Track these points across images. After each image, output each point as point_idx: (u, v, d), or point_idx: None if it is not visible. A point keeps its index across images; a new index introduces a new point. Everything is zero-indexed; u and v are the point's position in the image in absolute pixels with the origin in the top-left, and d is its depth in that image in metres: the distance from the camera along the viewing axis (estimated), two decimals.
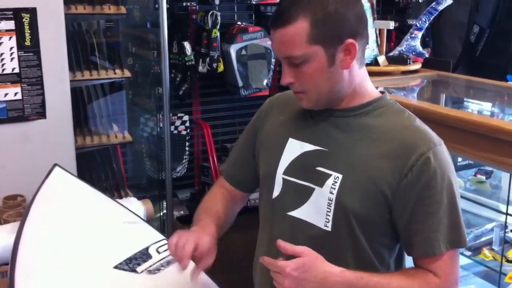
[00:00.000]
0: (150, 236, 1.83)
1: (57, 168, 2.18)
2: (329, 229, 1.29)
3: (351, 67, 1.27)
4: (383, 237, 1.31)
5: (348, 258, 1.31)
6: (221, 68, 3.60)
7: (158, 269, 1.64)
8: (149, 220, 2.36)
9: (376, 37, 2.54)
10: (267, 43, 3.50)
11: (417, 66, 2.51)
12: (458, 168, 2.07)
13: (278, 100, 1.53)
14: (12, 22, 2.33)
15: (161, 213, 3.18)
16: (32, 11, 2.36)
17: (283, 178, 1.37)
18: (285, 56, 1.26)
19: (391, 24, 2.46)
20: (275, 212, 1.40)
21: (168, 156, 2.94)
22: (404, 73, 2.49)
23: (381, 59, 2.45)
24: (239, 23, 3.60)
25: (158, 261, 1.68)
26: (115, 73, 2.79)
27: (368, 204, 1.26)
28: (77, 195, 2.09)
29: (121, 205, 2.07)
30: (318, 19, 1.20)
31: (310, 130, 1.36)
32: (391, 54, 2.55)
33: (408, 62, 2.46)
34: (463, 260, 1.91)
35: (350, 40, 1.23)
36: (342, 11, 1.22)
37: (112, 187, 2.94)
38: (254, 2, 3.49)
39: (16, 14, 2.33)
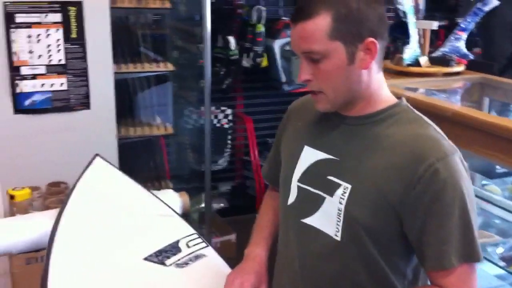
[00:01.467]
0: (182, 230, 1.86)
1: (98, 158, 2.23)
2: (338, 238, 1.29)
3: (370, 69, 1.25)
4: (396, 246, 1.28)
5: (359, 268, 1.29)
6: (264, 63, 3.61)
7: (186, 263, 1.67)
8: (186, 213, 2.40)
9: (420, 37, 2.49)
10: None
11: (460, 68, 2.45)
12: (496, 176, 2.02)
13: (297, 106, 1.53)
14: (60, 15, 2.41)
15: (201, 205, 3.22)
16: (79, 5, 2.44)
17: (298, 186, 1.37)
18: (304, 51, 1.24)
19: (435, 24, 2.41)
20: (290, 218, 1.40)
21: (208, 148, 2.98)
22: (447, 74, 2.44)
23: (423, 59, 2.40)
24: (284, 18, 3.60)
25: (187, 255, 1.71)
26: (158, 66, 2.85)
27: (377, 216, 1.24)
28: (116, 185, 2.14)
29: (157, 197, 2.11)
30: (340, 15, 1.19)
31: (324, 138, 1.36)
32: (434, 55, 2.50)
33: (451, 63, 2.41)
34: (496, 270, 1.87)
35: (371, 39, 1.21)
36: (364, 9, 1.20)
37: (153, 177, 3.01)
38: None
39: (63, 7, 2.41)
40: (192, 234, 1.84)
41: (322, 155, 1.33)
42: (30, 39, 2.39)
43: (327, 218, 1.30)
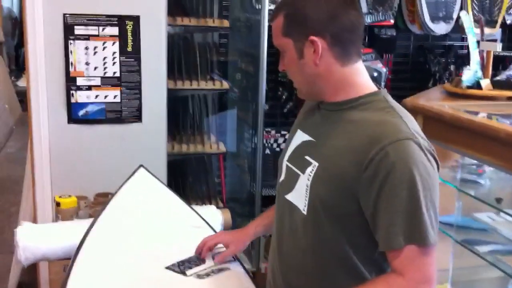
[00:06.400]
0: None
1: (141, 169, 2.24)
2: (305, 213, 1.38)
3: (328, 64, 1.34)
4: (357, 228, 1.33)
5: (322, 245, 1.37)
6: None
7: (208, 275, 1.63)
8: (225, 229, 2.36)
9: (483, 60, 2.35)
10: (378, 65, 3.40)
11: None
12: None
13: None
14: (117, 28, 2.47)
15: None
16: (136, 19, 2.48)
17: (286, 165, 1.49)
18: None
19: (499, 47, 2.28)
20: (279, 195, 1.52)
21: (259, 171, 2.96)
22: (511, 99, 2.29)
23: (485, 82, 2.27)
24: None
25: (210, 267, 1.67)
26: (214, 85, 2.85)
27: (335, 194, 1.32)
28: (155, 196, 2.14)
29: (194, 210, 2.08)
30: (288, 15, 1.36)
31: (310, 122, 1.48)
32: (498, 78, 2.36)
33: None
34: None
35: (313, 38, 1.32)
36: (310, 9, 1.33)
37: (204, 195, 2.99)
38: (367, 23, 3.39)
39: (120, 21, 2.46)
40: (221, 247, 1.79)
41: (306, 137, 1.46)
42: (87, 51, 2.46)
43: (300, 194, 1.40)
